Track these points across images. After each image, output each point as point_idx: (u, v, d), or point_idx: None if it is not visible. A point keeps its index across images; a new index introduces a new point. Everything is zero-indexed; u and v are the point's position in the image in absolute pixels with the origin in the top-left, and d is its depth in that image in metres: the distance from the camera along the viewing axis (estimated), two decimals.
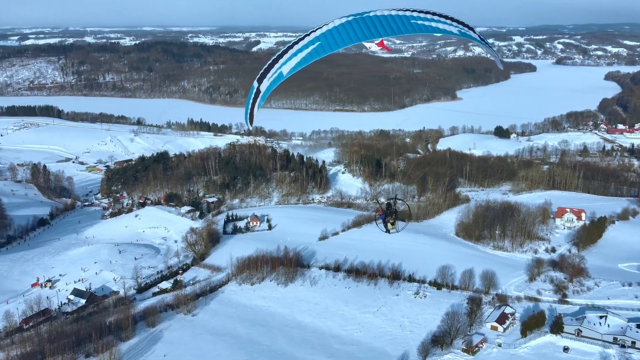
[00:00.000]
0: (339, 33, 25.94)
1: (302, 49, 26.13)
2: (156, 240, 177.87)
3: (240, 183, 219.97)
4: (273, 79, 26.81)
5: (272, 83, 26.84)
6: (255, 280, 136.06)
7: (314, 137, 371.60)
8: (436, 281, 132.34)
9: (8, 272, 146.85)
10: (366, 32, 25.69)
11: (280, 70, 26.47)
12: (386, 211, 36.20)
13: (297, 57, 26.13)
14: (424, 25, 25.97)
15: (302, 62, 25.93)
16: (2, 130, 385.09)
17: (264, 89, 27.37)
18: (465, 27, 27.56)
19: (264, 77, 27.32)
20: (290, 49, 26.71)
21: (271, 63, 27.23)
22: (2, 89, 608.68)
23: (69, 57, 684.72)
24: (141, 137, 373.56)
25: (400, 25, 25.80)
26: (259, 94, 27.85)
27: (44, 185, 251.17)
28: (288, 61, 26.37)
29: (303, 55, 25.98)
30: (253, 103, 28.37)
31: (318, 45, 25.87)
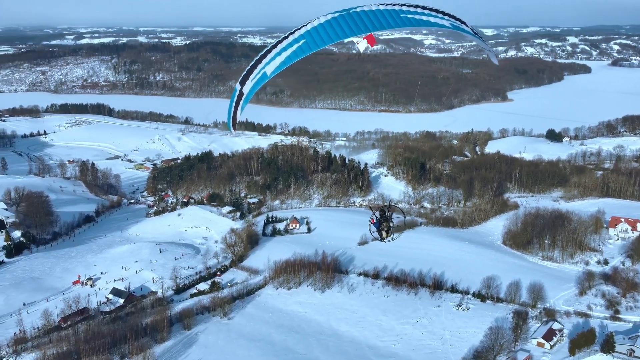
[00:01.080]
0: (324, 29, 24.80)
1: (286, 48, 24.92)
2: (197, 240, 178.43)
3: (281, 184, 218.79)
4: (256, 80, 25.67)
5: (255, 84, 25.73)
6: (292, 285, 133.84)
7: (357, 138, 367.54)
8: (480, 293, 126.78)
9: (51, 269, 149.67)
10: (354, 27, 24.61)
11: (263, 70, 25.32)
12: (380, 219, 34.76)
13: (281, 57, 24.92)
14: (415, 19, 25.08)
15: (287, 61, 24.78)
16: (55, 127, 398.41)
17: (247, 91, 26.20)
18: (457, 21, 26.57)
19: (246, 79, 26.06)
20: (274, 48, 25.40)
21: (254, 63, 25.96)
22: (57, 87, 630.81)
23: (121, 56, 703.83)
24: (188, 136, 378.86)
25: (390, 20, 24.69)
26: (241, 97, 26.59)
27: (92, 183, 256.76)
28: (272, 61, 25.17)
29: (287, 54, 24.80)
30: (236, 106, 26.94)
31: (303, 43, 24.71)
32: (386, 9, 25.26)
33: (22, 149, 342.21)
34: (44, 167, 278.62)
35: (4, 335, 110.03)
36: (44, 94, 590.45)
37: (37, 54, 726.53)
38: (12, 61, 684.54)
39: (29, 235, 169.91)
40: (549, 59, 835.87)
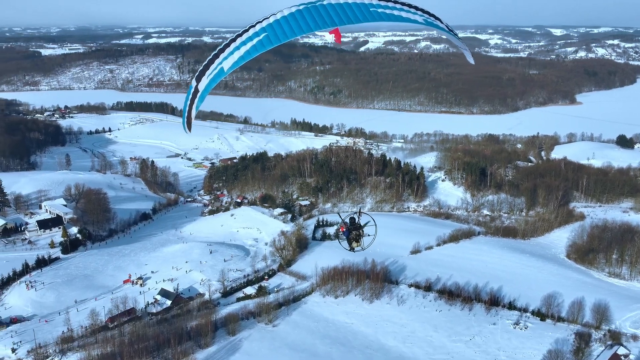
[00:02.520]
0: (287, 23, 23.31)
1: (246, 42, 23.31)
2: (248, 241, 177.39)
3: (333, 187, 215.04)
4: (213, 76, 23.95)
5: (211, 81, 24.05)
6: (340, 294, 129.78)
7: (415, 140, 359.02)
8: (540, 311, 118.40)
9: (104, 266, 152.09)
10: (319, 21, 23.00)
11: (221, 65, 23.71)
12: (350, 227, 33.07)
13: (240, 51, 23.32)
14: (385, 14, 23.84)
15: (246, 55, 23.26)
16: (120, 125, 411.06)
17: (202, 88, 24.35)
18: (431, 17, 25.42)
19: (203, 75, 24.19)
20: (232, 41, 23.70)
21: (212, 58, 24.18)
22: (124, 85, 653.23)
23: (186, 55, 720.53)
24: (246, 135, 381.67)
25: (358, 13, 23.26)
26: (197, 95, 24.64)
27: (151, 180, 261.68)
28: (230, 55, 23.54)
29: (247, 48, 23.20)
30: (190, 105, 24.94)
31: (264, 36, 23.13)
32: (355, 2, 23.75)
33: (87, 145, 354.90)
34: (106, 164, 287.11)
35: (52, 334, 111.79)
36: (111, 91, 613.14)
37: (106, 52, 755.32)
38: (82, 59, 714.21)
39: (85, 231, 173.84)
40: (621, 61, 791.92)
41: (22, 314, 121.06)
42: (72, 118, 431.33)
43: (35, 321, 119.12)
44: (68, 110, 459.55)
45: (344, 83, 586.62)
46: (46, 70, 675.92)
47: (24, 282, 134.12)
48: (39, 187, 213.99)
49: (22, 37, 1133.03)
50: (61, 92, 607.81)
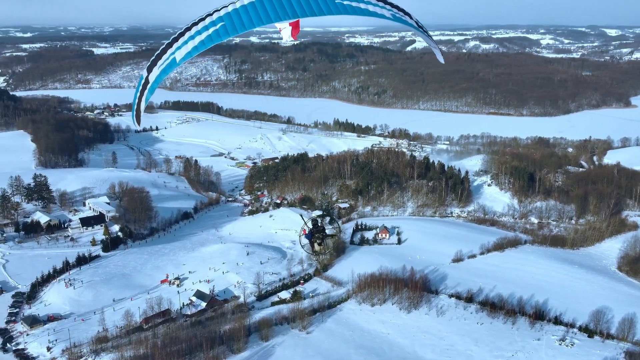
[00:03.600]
0: (246, 13, 21.93)
1: (201, 31, 22.13)
2: (285, 243, 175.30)
3: (373, 190, 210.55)
4: (164, 66, 22.80)
5: (162, 72, 22.95)
6: (376, 302, 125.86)
7: (461, 142, 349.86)
8: (588, 327, 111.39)
9: (142, 265, 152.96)
10: (280, 11, 21.64)
11: (173, 55, 22.55)
12: (312, 229, 31.75)
13: (194, 41, 22.15)
14: (350, 7, 22.67)
15: (200, 46, 22.07)
16: (167, 123, 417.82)
17: (153, 79, 23.13)
18: (400, 12, 24.53)
19: (154, 65, 22.99)
20: (187, 30, 22.42)
21: (165, 47, 22.93)
22: (172, 84, 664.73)
23: (232, 56, 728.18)
24: (289, 135, 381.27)
25: (322, 5, 22.12)
26: (147, 86, 23.40)
27: (194, 179, 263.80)
28: (184, 45, 22.37)
29: (202, 38, 22.02)
30: (140, 97, 23.70)
31: (221, 26, 21.89)
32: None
33: (135, 143, 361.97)
34: (151, 162, 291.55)
35: (87, 333, 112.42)
36: (159, 90, 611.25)
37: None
38: (133, 58, 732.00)
39: (126, 230, 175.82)
40: None
41: (59, 312, 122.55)
42: (120, 116, 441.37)
43: (72, 320, 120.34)
44: (117, 108, 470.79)
45: (389, 83, 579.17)
46: (98, 69, 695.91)
47: (63, 280, 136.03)
48: (84, 185, 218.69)
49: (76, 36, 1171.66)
50: (111, 90, 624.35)
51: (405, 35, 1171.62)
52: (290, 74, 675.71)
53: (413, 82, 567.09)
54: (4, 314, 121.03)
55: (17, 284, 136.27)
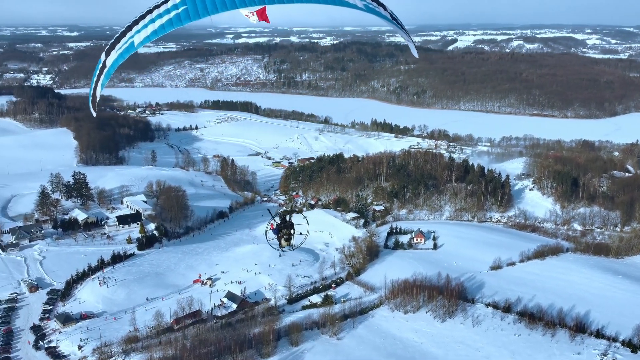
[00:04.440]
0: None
1: (162, 14, 21.24)
2: (318, 245, 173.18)
3: (410, 192, 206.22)
4: (122, 50, 22.20)
5: (119, 56, 22.35)
6: (410, 309, 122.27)
7: (503, 144, 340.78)
8: (631, 341, 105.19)
9: (176, 265, 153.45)
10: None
11: (132, 39, 21.94)
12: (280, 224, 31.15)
13: (154, 25, 21.36)
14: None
15: (160, 30, 21.27)
16: (206, 122, 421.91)
17: (110, 63, 22.55)
18: (373, 3, 23.97)
19: (112, 49, 22.42)
20: (149, 13, 21.67)
21: (124, 30, 22.31)
22: (212, 84, 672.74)
23: (272, 55, 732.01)
24: (325, 135, 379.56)
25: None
26: (104, 70, 22.77)
27: (231, 178, 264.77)
28: (143, 29, 21.69)
29: (162, 22, 21.11)
30: (96, 82, 23.24)
31: (183, 10, 20.86)
32: None
33: (175, 142, 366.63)
34: (189, 161, 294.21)
35: (119, 332, 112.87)
36: (200, 90, 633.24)
37: (198, 51, 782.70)
38: (175, 58, 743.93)
39: (161, 228, 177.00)
40: None
41: (92, 310, 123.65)
42: (161, 115, 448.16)
43: (104, 318, 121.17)
44: (159, 107, 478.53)
45: (429, 83, 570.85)
46: (141, 67, 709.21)
47: (97, 278, 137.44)
48: (122, 183, 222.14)
49: None
50: (154, 89, 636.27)
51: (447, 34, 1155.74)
52: (329, 73, 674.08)
53: (454, 82, 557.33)
54: (38, 311, 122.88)
55: (53, 281, 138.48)
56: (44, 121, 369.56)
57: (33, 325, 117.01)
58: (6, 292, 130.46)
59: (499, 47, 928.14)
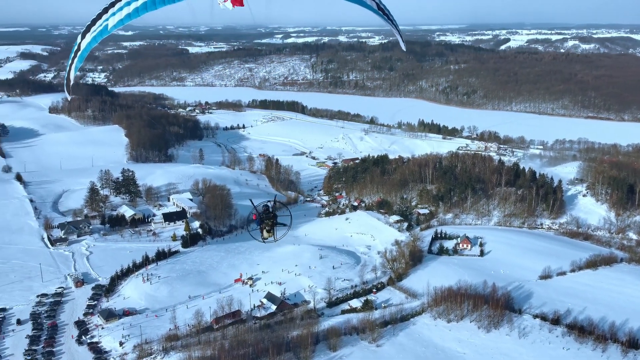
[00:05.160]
0: None
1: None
2: (360, 248, 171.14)
3: (456, 196, 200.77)
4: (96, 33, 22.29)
5: (93, 39, 22.48)
6: (453, 318, 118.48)
7: (555, 147, 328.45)
8: None
9: (218, 263, 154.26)
10: None
11: (106, 22, 21.82)
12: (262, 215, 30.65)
13: (129, 7, 21.23)
14: None
15: (134, 13, 21.18)
16: (253, 122, 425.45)
17: (84, 46, 22.71)
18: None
19: (88, 31, 22.52)
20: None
21: (100, 13, 22.22)
22: (260, 83, 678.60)
23: (320, 55, 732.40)
24: (370, 136, 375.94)
25: None
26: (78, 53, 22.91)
27: (275, 178, 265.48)
28: (118, 12, 21.55)
29: (137, 4, 21.01)
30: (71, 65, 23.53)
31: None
32: None
33: (222, 140, 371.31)
34: (235, 160, 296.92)
35: (160, 330, 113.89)
36: (248, 89, 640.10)
37: (247, 51, 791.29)
38: (225, 57, 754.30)
39: (206, 226, 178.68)
40: None
41: (134, 307, 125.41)
42: (210, 114, 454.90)
43: (148, 314, 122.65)
44: (208, 106, 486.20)
45: (480, 83, 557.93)
46: (192, 67, 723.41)
47: (141, 275, 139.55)
48: (170, 180, 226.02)
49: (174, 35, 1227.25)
50: (203, 88, 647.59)
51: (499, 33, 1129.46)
52: (376, 73, 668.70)
53: (505, 82, 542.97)
54: (83, 306, 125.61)
55: (98, 276, 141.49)
56: (97, 118, 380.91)
57: (78, 320, 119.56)
58: (53, 286, 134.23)
59: (554, 47, 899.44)
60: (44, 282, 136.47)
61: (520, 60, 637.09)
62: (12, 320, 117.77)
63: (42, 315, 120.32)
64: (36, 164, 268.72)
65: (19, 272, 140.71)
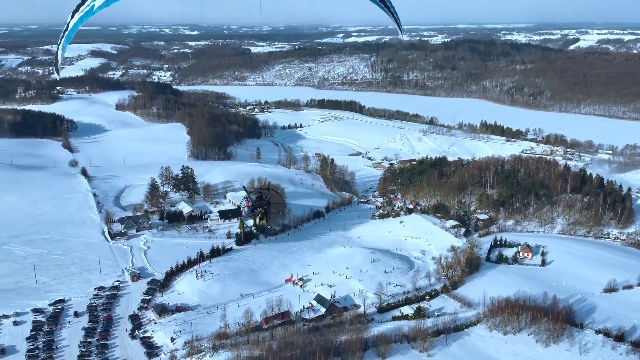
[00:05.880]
0: None
1: None
2: (414, 252, 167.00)
3: (518, 202, 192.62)
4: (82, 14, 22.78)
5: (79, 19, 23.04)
6: (510, 330, 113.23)
7: (626, 153, 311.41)
8: None
9: (270, 262, 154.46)
10: None
11: (93, 3, 22.55)
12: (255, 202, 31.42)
13: None
14: None
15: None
16: (310, 121, 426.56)
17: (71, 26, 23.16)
18: None
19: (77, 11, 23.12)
20: None
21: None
22: (319, 83, 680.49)
23: (380, 54, 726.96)
24: (429, 136, 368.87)
25: None
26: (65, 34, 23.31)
27: (329, 178, 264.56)
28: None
29: None
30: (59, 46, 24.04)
31: None
32: None
33: (279, 139, 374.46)
34: (291, 159, 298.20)
35: (210, 327, 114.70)
36: (307, 88, 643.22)
37: (307, 51, 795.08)
38: (285, 57, 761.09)
39: (259, 225, 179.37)
40: None
41: (187, 303, 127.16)
42: (269, 113, 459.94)
43: (199, 311, 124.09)
44: (267, 105, 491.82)
45: (547, 84, 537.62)
46: (253, 66, 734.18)
47: (195, 271, 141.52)
48: (227, 178, 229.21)
49: (237, 35, 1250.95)
50: (264, 87, 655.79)
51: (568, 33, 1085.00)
52: (438, 72, 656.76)
53: (574, 83, 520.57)
54: (138, 300, 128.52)
55: (154, 271, 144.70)
56: (161, 116, 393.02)
57: (132, 314, 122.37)
58: (111, 279, 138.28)
59: (626, 47, 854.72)
60: (102, 275, 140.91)
61: (590, 61, 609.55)
62: (69, 312, 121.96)
63: (99, 307, 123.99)
64: (101, 159, 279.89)
65: (79, 265, 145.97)
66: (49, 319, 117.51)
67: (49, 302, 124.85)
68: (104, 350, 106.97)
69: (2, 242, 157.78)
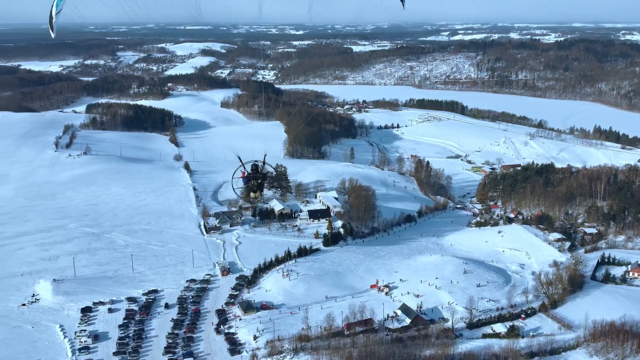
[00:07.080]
0: None
1: None
2: (512, 265, 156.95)
3: (631, 216, 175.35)
4: None
5: None
6: (612, 357, 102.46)
7: None
8: None
9: (356, 266, 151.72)
10: None
11: None
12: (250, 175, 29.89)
13: None
14: None
15: None
16: (408, 121, 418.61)
17: None
18: None
19: None
20: None
21: None
22: (420, 82, 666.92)
23: (487, 53, 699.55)
24: (536, 141, 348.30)
25: None
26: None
27: (424, 181, 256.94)
28: None
29: None
30: None
31: None
32: None
33: (375, 140, 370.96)
34: (384, 160, 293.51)
35: (293, 328, 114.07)
36: (407, 88, 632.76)
37: (409, 49, 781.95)
38: (387, 56, 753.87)
39: (347, 227, 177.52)
40: None
41: (272, 301, 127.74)
42: (366, 112, 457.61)
43: (282, 310, 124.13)
44: (365, 104, 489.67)
45: None
46: (353, 65, 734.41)
47: (281, 270, 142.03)
48: (319, 177, 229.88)
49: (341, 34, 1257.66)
50: (363, 86, 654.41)
51: None
52: (549, 72, 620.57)
53: None
54: (226, 295, 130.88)
55: (244, 266, 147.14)
56: (262, 114, 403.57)
57: (220, 308, 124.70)
58: (202, 272, 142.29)
59: None
60: (195, 267, 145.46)
61: None
62: (161, 302, 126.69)
63: (188, 300, 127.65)
64: (204, 154, 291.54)
65: (174, 256, 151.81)
66: (141, 308, 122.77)
67: (142, 291, 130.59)
68: (190, 344, 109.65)
69: (106, 230, 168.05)
